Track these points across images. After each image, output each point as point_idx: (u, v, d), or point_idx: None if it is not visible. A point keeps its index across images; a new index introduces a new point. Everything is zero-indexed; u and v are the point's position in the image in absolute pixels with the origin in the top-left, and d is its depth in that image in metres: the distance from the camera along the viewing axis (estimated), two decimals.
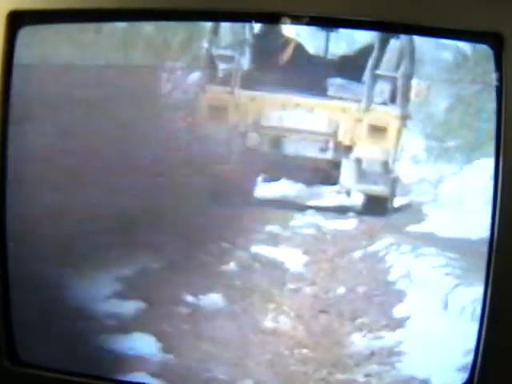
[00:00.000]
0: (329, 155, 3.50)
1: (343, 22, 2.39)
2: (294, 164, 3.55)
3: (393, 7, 2.30)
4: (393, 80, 3.45)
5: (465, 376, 3.78)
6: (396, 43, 3.53)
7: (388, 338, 4.25)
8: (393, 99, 3.53)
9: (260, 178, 3.81)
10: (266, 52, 3.25)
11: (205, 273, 4.58)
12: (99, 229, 4.49)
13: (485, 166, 5.30)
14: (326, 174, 3.66)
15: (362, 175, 3.62)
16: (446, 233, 5.25)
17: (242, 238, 5.03)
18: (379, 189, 3.81)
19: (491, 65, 5.29)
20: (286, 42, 3.18)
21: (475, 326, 4.24)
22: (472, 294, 4.27)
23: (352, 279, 4.81)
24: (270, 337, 4.13)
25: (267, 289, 4.57)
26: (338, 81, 3.26)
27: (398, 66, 3.52)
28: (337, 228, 5.44)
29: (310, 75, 3.18)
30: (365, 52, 3.33)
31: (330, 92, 3.29)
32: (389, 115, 3.58)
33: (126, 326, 3.85)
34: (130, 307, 4.05)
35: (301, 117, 3.28)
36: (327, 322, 4.34)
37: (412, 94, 3.66)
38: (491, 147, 5.35)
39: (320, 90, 3.22)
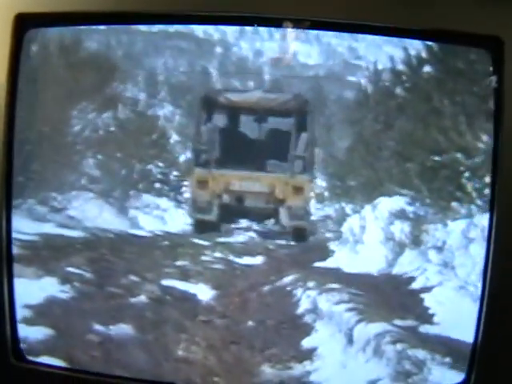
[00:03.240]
0: (271, 205, 4.94)
1: (343, 26, 2.36)
2: (253, 210, 4.95)
3: (393, 12, 2.30)
4: (303, 158, 4.94)
5: None
6: (304, 135, 4.95)
7: (296, 369, 4.24)
8: (305, 169, 5.01)
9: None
10: (227, 147, 4.85)
11: (114, 304, 4.52)
12: None
13: (384, 204, 5.44)
14: (270, 216, 5.02)
15: (292, 216, 5.00)
16: (349, 268, 5.32)
17: (152, 271, 5.00)
18: (302, 223, 5.13)
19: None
20: (233, 133, 4.84)
21: (378, 360, 4.30)
22: (375, 329, 4.32)
23: (261, 312, 4.80)
24: (183, 365, 4.07)
25: (179, 320, 4.53)
26: (272, 161, 4.90)
27: (306, 149, 4.97)
28: (246, 263, 5.47)
29: (255, 160, 4.79)
30: (287, 138, 4.85)
31: (268, 168, 4.92)
32: (304, 179, 5.07)
33: (33, 349, 3.75)
34: (37, 333, 3.94)
35: (252, 184, 4.83)
36: (238, 352, 4.30)
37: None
38: (391, 186, 5.54)
39: (262, 168, 4.85)
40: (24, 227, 5.13)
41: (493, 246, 2.28)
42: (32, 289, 4.39)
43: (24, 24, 2.49)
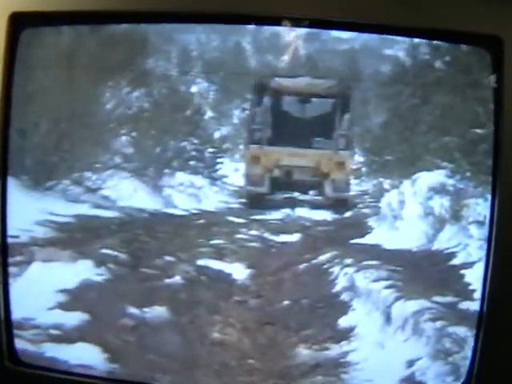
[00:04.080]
0: (317, 178, 5.39)
1: (342, 24, 2.38)
2: (299, 184, 5.42)
3: (393, 11, 2.30)
4: (346, 136, 5.38)
5: None
6: (347, 115, 5.41)
7: (333, 350, 4.26)
8: (347, 146, 5.40)
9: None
10: (278, 126, 5.39)
11: (149, 286, 4.56)
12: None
13: (422, 180, 5.40)
14: (316, 188, 5.44)
15: (335, 188, 5.41)
16: (388, 245, 5.29)
17: (187, 251, 5.02)
18: (344, 195, 5.49)
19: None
20: (283, 114, 5.36)
21: (417, 338, 4.30)
22: (413, 307, 4.31)
23: (297, 292, 4.81)
24: (217, 348, 4.11)
25: (213, 301, 4.57)
26: (318, 139, 5.32)
27: (347, 128, 5.42)
28: (282, 241, 5.48)
29: (302, 138, 5.26)
30: (331, 118, 5.37)
31: (314, 145, 5.34)
32: (346, 155, 5.45)
33: (69, 336, 3.81)
34: (73, 318, 4.00)
35: (300, 159, 5.30)
36: (273, 333, 4.33)
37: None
38: (429, 160, 5.49)
39: (309, 145, 5.30)
40: (58, 209, 5.20)
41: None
42: (67, 273, 4.45)
43: (19, 23, 2.50)
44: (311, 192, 5.46)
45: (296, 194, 5.49)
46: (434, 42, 5.09)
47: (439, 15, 2.28)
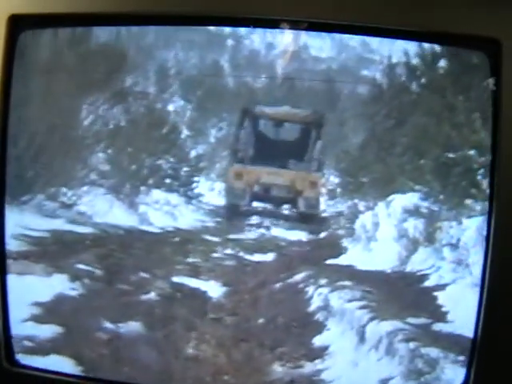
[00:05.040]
0: (291, 195, 5.87)
1: (339, 27, 2.40)
2: (276, 199, 5.93)
3: (392, 14, 2.32)
4: (318, 159, 5.88)
5: None
6: (319, 142, 5.88)
7: (307, 367, 4.26)
8: (318, 168, 5.91)
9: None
10: (259, 148, 5.95)
11: (124, 301, 4.55)
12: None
13: (397, 202, 5.46)
14: (291, 204, 5.93)
15: (307, 205, 5.86)
16: (362, 266, 5.32)
17: (163, 268, 5.03)
18: (315, 210, 5.93)
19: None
20: (264, 137, 5.98)
21: (390, 358, 4.32)
22: (387, 327, 4.33)
23: (272, 310, 4.82)
24: (192, 363, 4.10)
25: (188, 318, 4.56)
26: (293, 161, 5.85)
27: (319, 153, 5.91)
28: (257, 260, 5.50)
29: (280, 159, 5.82)
30: (305, 143, 5.94)
31: (290, 166, 5.87)
32: (317, 176, 5.94)
33: (43, 348, 3.79)
34: (46, 331, 3.98)
35: (277, 178, 5.81)
36: (248, 350, 4.33)
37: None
38: (404, 182, 5.55)
39: (286, 165, 5.85)
40: (33, 223, 5.16)
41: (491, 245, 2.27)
42: (41, 286, 4.42)
43: (18, 25, 2.50)
44: (286, 207, 5.99)
45: (272, 208, 6.01)
46: (411, 62, 5.19)
47: (437, 18, 2.25)
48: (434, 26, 2.29)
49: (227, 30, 5.86)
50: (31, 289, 4.35)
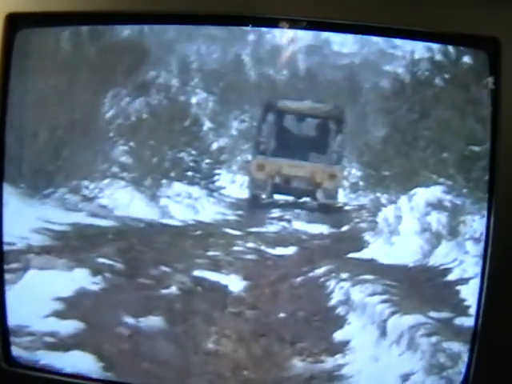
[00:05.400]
0: (311, 187, 6.02)
1: (341, 26, 2.34)
2: (296, 190, 6.08)
3: (391, 13, 2.28)
4: (338, 152, 6.04)
5: None
6: (339, 135, 6.02)
7: (328, 363, 4.24)
8: (338, 161, 6.08)
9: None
10: (281, 141, 6.09)
11: (145, 296, 4.57)
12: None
13: (420, 195, 5.45)
14: (310, 195, 6.05)
15: (326, 195, 5.96)
16: (384, 260, 5.31)
17: (183, 262, 5.05)
18: (334, 201, 6.08)
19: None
20: (286, 131, 6.13)
21: (412, 353, 4.30)
22: (409, 321, 4.32)
23: (292, 304, 4.82)
24: (211, 358, 4.10)
25: (209, 312, 4.56)
26: (314, 154, 6.03)
27: (339, 146, 6.05)
28: (278, 253, 5.52)
29: (301, 152, 6.00)
30: (326, 137, 6.07)
31: (311, 159, 6.07)
32: (337, 169, 6.08)
33: (64, 344, 3.81)
34: (68, 326, 4.00)
35: (298, 169, 5.96)
36: (267, 345, 4.32)
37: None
38: (427, 175, 5.54)
39: (306, 158, 6.04)
40: (55, 217, 5.20)
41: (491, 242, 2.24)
42: (63, 281, 4.45)
43: (15, 24, 2.46)
44: (306, 199, 6.15)
45: (293, 200, 6.21)
46: (435, 58, 5.16)
47: (438, 17, 2.21)
48: (433, 25, 2.26)
49: None
50: (53, 284, 4.38)
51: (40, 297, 4.18)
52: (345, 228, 5.88)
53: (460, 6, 2.29)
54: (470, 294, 4.58)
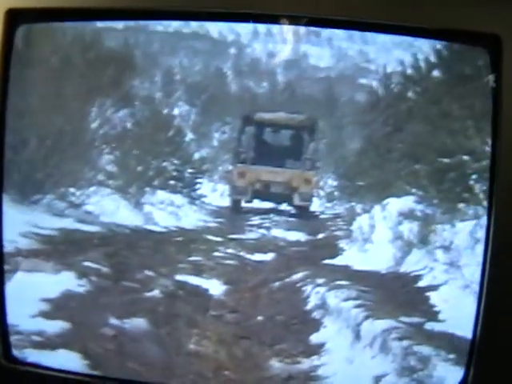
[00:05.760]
0: (288, 191, 6.20)
1: (341, 23, 2.31)
2: (275, 195, 6.23)
3: (393, 10, 2.22)
4: (311, 159, 6.22)
5: None
6: (312, 144, 6.24)
7: (304, 364, 4.25)
8: (312, 167, 6.24)
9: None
10: (259, 150, 6.26)
11: (129, 298, 4.56)
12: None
13: (392, 205, 5.48)
14: (287, 199, 6.25)
15: (302, 199, 6.17)
16: (358, 266, 5.34)
17: (166, 266, 5.05)
18: (308, 203, 6.28)
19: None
20: (264, 140, 6.37)
21: (384, 356, 4.32)
22: (382, 325, 4.33)
23: (271, 308, 4.82)
24: (194, 359, 4.09)
25: (191, 315, 4.55)
26: (290, 161, 6.21)
27: (312, 153, 6.28)
28: (257, 259, 5.53)
29: (278, 160, 6.22)
30: (300, 146, 6.26)
31: (287, 166, 6.26)
32: (311, 173, 6.28)
33: (51, 343, 3.79)
34: (55, 326, 3.99)
35: (276, 176, 6.17)
36: (247, 347, 4.32)
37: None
38: (400, 186, 5.58)
39: (283, 165, 6.23)
40: (43, 222, 5.19)
41: (491, 243, 2.20)
42: (50, 283, 4.43)
43: (15, 19, 2.39)
44: (284, 202, 6.40)
45: (272, 206, 6.40)
46: (406, 71, 5.21)
47: (439, 15, 2.12)
48: (435, 23, 2.19)
49: (230, 37, 5.96)
50: (40, 285, 4.36)
51: (28, 298, 4.14)
52: (321, 235, 5.92)
53: (462, 3, 2.20)
54: (439, 300, 4.62)
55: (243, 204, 6.26)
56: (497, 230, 2.17)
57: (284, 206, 6.23)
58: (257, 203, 6.26)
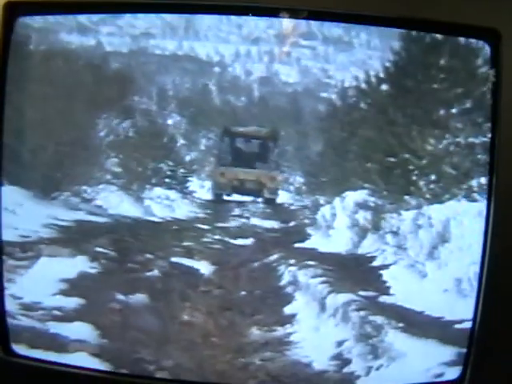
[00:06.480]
0: (258, 187, 6.36)
1: (339, 16, 2.05)
2: (248, 190, 6.38)
3: (394, 3, 1.98)
4: (275, 162, 6.42)
5: (337, 363, 3.85)
6: (276, 150, 6.45)
7: (279, 331, 4.23)
8: (276, 168, 6.39)
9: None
10: (235, 155, 6.43)
11: (132, 277, 4.54)
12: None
13: (350, 197, 5.48)
14: (258, 192, 6.38)
15: (270, 192, 6.34)
16: (322, 249, 5.32)
17: (163, 250, 5.01)
18: (274, 196, 6.39)
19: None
20: (238, 148, 6.50)
21: (345, 324, 4.32)
22: (343, 299, 4.34)
23: (251, 284, 4.81)
24: (186, 328, 4.08)
25: (183, 290, 4.54)
26: (259, 163, 6.38)
27: (278, 157, 6.46)
28: (239, 244, 5.52)
29: (250, 162, 6.40)
30: (267, 151, 6.45)
31: (257, 167, 6.39)
32: (276, 173, 6.40)
33: (68, 316, 3.78)
34: (71, 302, 3.97)
35: (249, 175, 6.34)
36: (231, 317, 4.31)
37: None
38: (355, 181, 5.58)
39: (254, 167, 6.39)
40: (61, 215, 5.16)
41: (490, 232, 1.97)
42: (68, 266, 4.41)
43: (13, 12, 2.14)
44: (255, 194, 6.53)
45: (248, 199, 6.50)
46: (361, 85, 5.20)
47: (439, 8, 1.96)
48: (435, 16, 1.96)
49: (216, 58, 5.97)
50: (59, 268, 4.34)
51: (49, 279, 4.14)
52: (292, 223, 5.90)
53: None
54: (390, 277, 4.63)
55: (224, 197, 6.43)
56: (496, 223, 1.96)
57: (256, 199, 6.40)
58: (235, 197, 6.44)
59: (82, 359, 3.24)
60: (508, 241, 2.01)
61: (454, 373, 2.28)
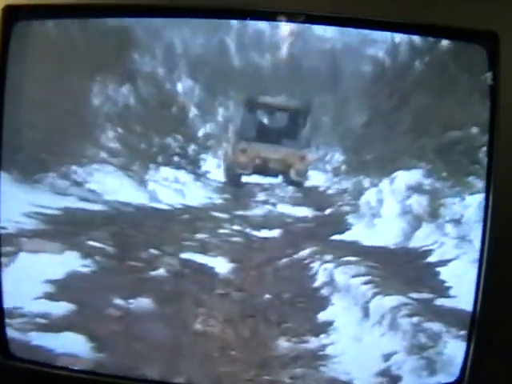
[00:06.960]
0: (284, 167, 6.43)
1: (337, 20, 2.38)
2: (272, 170, 6.43)
3: (389, 6, 2.28)
4: (306, 138, 6.45)
5: (383, 380, 3.88)
6: (308, 124, 6.43)
7: (312, 342, 4.28)
8: (306, 146, 6.46)
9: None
10: (259, 129, 6.55)
11: (135, 278, 4.58)
12: None
13: (401, 179, 5.47)
14: (285, 174, 6.45)
15: (297, 174, 6.37)
16: (366, 242, 5.33)
17: (172, 245, 5.05)
18: (303, 179, 6.39)
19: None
20: (263, 121, 6.67)
21: (393, 333, 4.35)
22: (391, 302, 4.36)
23: (278, 286, 4.84)
24: (200, 339, 4.13)
25: (197, 294, 4.59)
26: (286, 140, 6.45)
27: (308, 133, 6.49)
28: (263, 236, 5.54)
29: (276, 138, 6.53)
30: (296, 125, 6.48)
31: (284, 144, 6.48)
32: (306, 152, 6.42)
33: (56, 325, 3.83)
34: (59, 308, 4.02)
35: (274, 153, 6.42)
36: (254, 326, 4.35)
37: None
38: (408, 160, 5.56)
39: (280, 143, 6.50)
40: (46, 201, 5.20)
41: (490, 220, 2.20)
42: (54, 263, 4.46)
43: (12, 16, 2.44)
44: (279, 176, 6.62)
45: (275, 182, 6.58)
46: (415, 41, 5.17)
47: (436, 11, 2.20)
48: (431, 19, 2.25)
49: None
50: (44, 266, 4.39)
51: (32, 279, 4.18)
52: (328, 211, 5.88)
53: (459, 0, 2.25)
54: (449, 275, 4.62)
55: (243, 179, 6.54)
56: (495, 216, 2.20)
57: (281, 180, 6.51)
58: (256, 178, 6.51)
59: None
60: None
61: None
